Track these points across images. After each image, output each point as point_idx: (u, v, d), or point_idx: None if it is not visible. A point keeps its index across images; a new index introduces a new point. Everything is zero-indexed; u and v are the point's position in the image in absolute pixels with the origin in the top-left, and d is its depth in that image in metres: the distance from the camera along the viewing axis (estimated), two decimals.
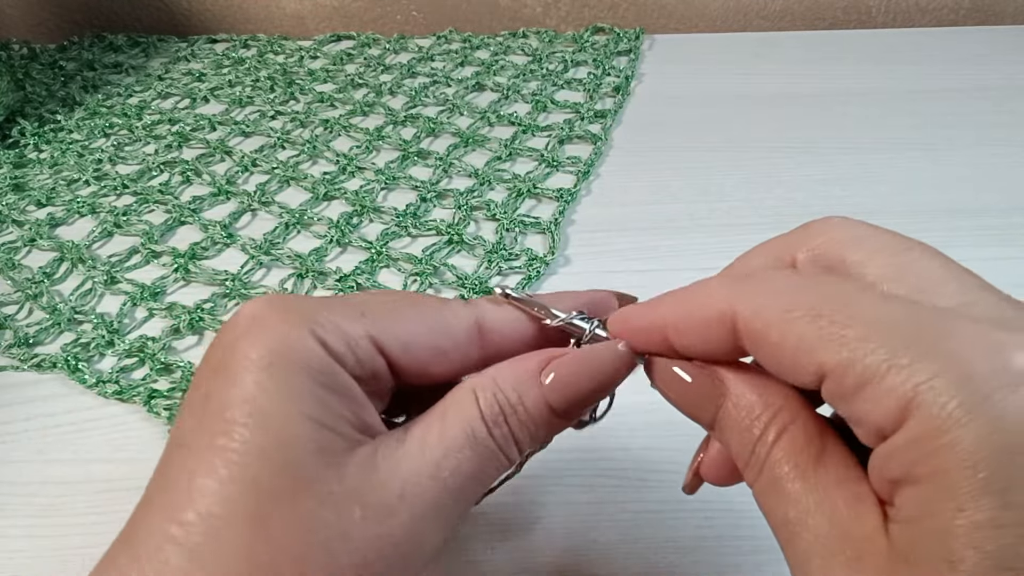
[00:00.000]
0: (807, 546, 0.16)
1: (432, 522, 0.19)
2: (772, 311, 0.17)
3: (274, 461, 0.17)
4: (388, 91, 0.60)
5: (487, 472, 0.20)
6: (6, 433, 0.35)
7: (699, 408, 0.19)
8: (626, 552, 0.29)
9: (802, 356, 0.16)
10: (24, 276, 0.43)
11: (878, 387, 0.15)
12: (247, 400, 0.17)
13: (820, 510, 0.16)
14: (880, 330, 0.15)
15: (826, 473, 0.17)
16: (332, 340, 0.19)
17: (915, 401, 0.14)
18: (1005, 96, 0.57)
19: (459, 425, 0.20)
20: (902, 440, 0.14)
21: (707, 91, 0.59)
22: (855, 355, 0.15)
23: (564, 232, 0.45)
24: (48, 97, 0.62)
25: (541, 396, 0.20)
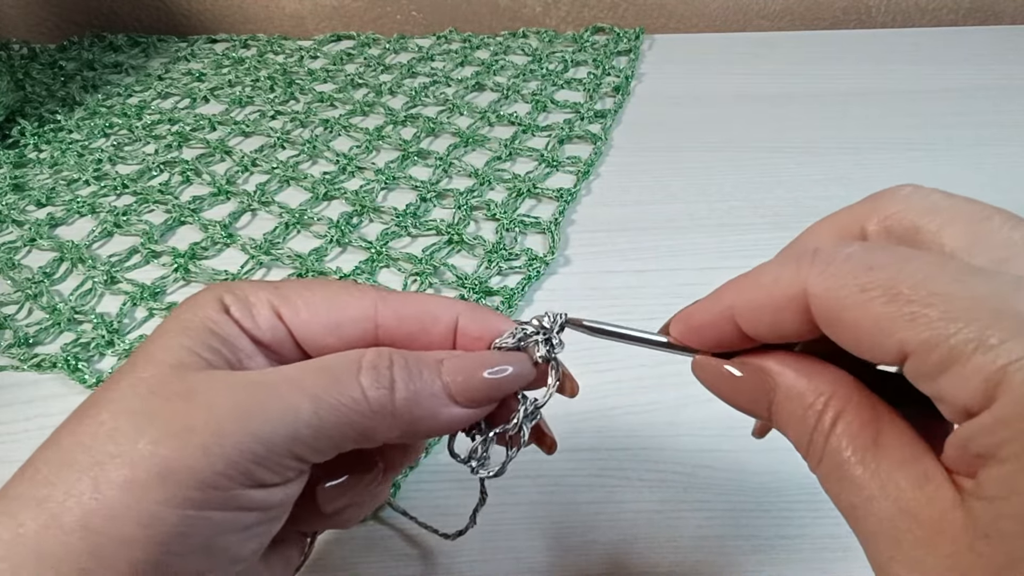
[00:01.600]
0: (876, 529, 0.16)
1: (248, 445, 0.18)
2: (846, 290, 0.16)
3: (140, 371, 0.20)
4: (388, 91, 0.60)
5: (336, 414, 0.19)
6: (6, 433, 0.35)
7: (752, 403, 0.19)
8: (626, 552, 0.29)
9: (881, 337, 0.16)
10: (24, 276, 0.43)
11: (964, 367, 0.14)
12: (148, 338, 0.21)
13: (884, 493, 0.16)
14: (964, 308, 0.15)
15: (887, 455, 0.16)
16: (233, 304, 0.22)
17: (1004, 381, 0.14)
18: (1005, 96, 0.57)
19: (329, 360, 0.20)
20: (990, 419, 0.14)
21: (707, 91, 0.59)
22: (939, 335, 0.15)
23: (564, 232, 0.45)
24: (48, 97, 0.62)
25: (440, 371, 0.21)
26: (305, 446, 0.19)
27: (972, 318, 0.14)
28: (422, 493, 0.31)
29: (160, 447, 0.18)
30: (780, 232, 0.45)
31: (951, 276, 0.15)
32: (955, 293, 0.15)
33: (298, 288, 0.23)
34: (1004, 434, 0.14)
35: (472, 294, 0.40)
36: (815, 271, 0.17)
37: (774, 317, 0.18)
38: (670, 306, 0.21)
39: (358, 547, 0.30)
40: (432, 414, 0.21)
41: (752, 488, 0.31)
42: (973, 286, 0.15)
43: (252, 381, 0.19)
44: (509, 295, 0.40)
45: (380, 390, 0.20)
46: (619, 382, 0.35)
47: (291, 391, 0.19)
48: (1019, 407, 0.14)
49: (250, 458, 0.18)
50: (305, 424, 0.19)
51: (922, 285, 0.15)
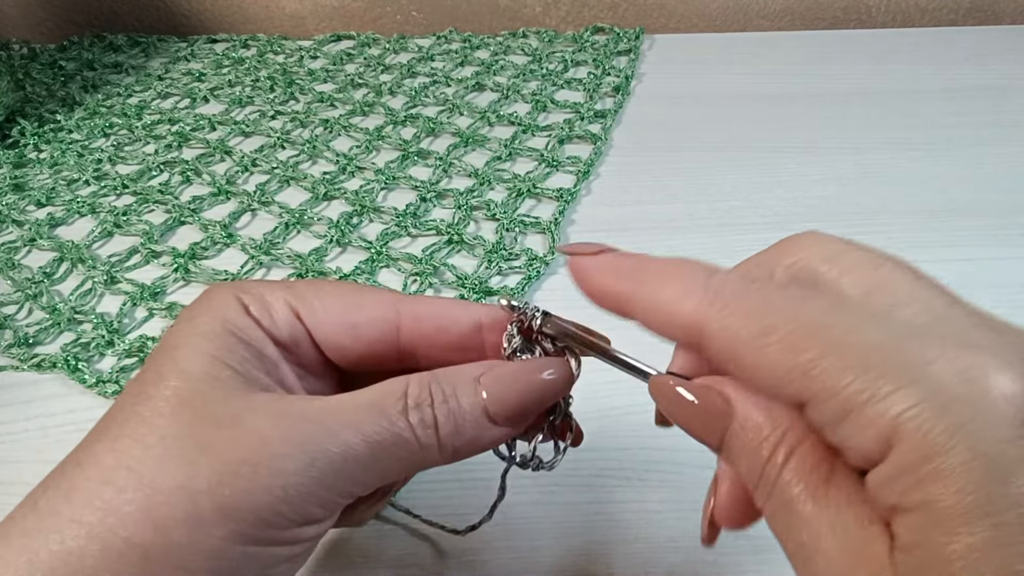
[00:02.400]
0: (822, 569, 0.16)
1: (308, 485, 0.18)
2: (745, 333, 0.16)
3: (172, 383, 0.19)
4: (388, 91, 0.60)
5: (388, 453, 0.20)
6: (6, 433, 0.35)
7: (706, 430, 0.19)
8: (626, 552, 0.29)
9: (779, 384, 0.16)
10: (24, 276, 0.43)
11: (860, 417, 0.15)
12: (168, 342, 0.20)
13: (832, 532, 0.16)
14: (857, 357, 0.15)
15: (837, 494, 0.16)
16: (252, 303, 0.21)
17: (898, 431, 0.14)
18: (1005, 96, 0.57)
19: (376, 396, 0.20)
20: (889, 469, 0.14)
21: (707, 91, 0.59)
22: (834, 385, 0.15)
23: (564, 232, 0.45)
24: (48, 97, 0.62)
25: (478, 396, 0.21)
26: (358, 483, 0.20)
27: (865, 367, 0.15)
28: (423, 491, 0.31)
29: (222, 485, 0.17)
30: (780, 232, 0.44)
31: (847, 324, 0.16)
32: (848, 341, 0.15)
33: (313, 288, 0.23)
34: (904, 484, 0.14)
35: (472, 294, 0.40)
36: (715, 308, 0.17)
37: (668, 328, 0.19)
38: None
39: (357, 547, 0.30)
40: (475, 440, 0.21)
41: None
42: (866, 333, 0.15)
43: (303, 414, 0.19)
44: (510, 295, 0.40)
45: (427, 429, 0.20)
46: (619, 382, 0.35)
47: (344, 429, 0.19)
48: (915, 456, 0.14)
49: (309, 499, 0.18)
50: (361, 465, 0.19)
51: (818, 334, 0.16)
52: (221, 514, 0.17)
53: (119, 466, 0.18)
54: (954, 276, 0.40)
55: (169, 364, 0.20)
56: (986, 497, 0.13)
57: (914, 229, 0.44)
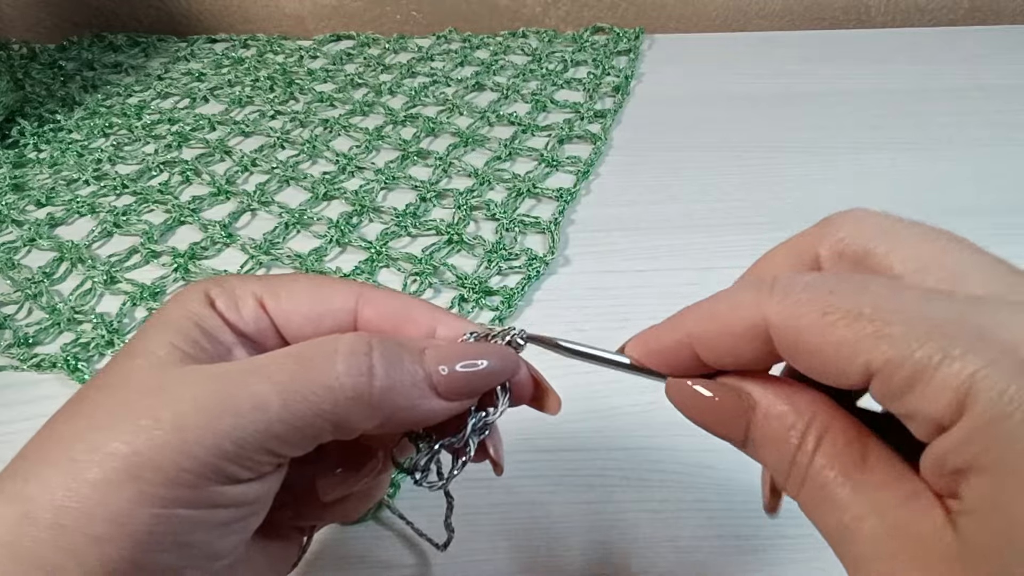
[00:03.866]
0: (866, 551, 0.16)
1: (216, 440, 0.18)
2: (807, 317, 0.16)
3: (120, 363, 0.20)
4: (388, 91, 0.60)
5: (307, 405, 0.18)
6: (6, 433, 0.34)
7: (728, 426, 0.19)
8: (626, 552, 0.29)
9: (845, 359, 0.16)
10: (24, 276, 0.43)
11: (932, 381, 0.14)
12: (136, 334, 0.21)
13: (874, 512, 0.16)
14: (925, 324, 0.15)
15: (873, 474, 0.16)
16: (220, 296, 0.22)
17: (973, 390, 0.14)
18: (1005, 96, 0.57)
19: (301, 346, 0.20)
20: (964, 430, 0.14)
21: (707, 91, 0.59)
22: (904, 352, 0.15)
23: (564, 232, 0.45)
24: (48, 97, 0.62)
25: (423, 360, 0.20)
26: (277, 440, 0.19)
27: (934, 334, 0.15)
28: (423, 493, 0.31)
29: (130, 445, 0.17)
30: (780, 232, 0.44)
31: (909, 298, 0.16)
32: (915, 313, 0.15)
33: (284, 280, 0.23)
34: (980, 443, 0.14)
35: (472, 294, 0.40)
36: (774, 300, 0.17)
37: (733, 346, 0.18)
38: (670, 306, 0.21)
39: (356, 547, 0.30)
40: (412, 404, 0.20)
41: (752, 488, 0.31)
42: (931, 304, 0.15)
43: (220, 373, 0.19)
44: (509, 295, 0.40)
45: (358, 377, 0.19)
46: (619, 382, 0.35)
47: (259, 382, 0.18)
48: (991, 414, 0.14)
49: (218, 455, 0.18)
50: (275, 418, 0.18)
51: (882, 307, 0.16)
52: (127, 475, 0.17)
53: (54, 441, 0.18)
54: None
55: (125, 350, 0.20)
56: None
57: None
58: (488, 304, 0.40)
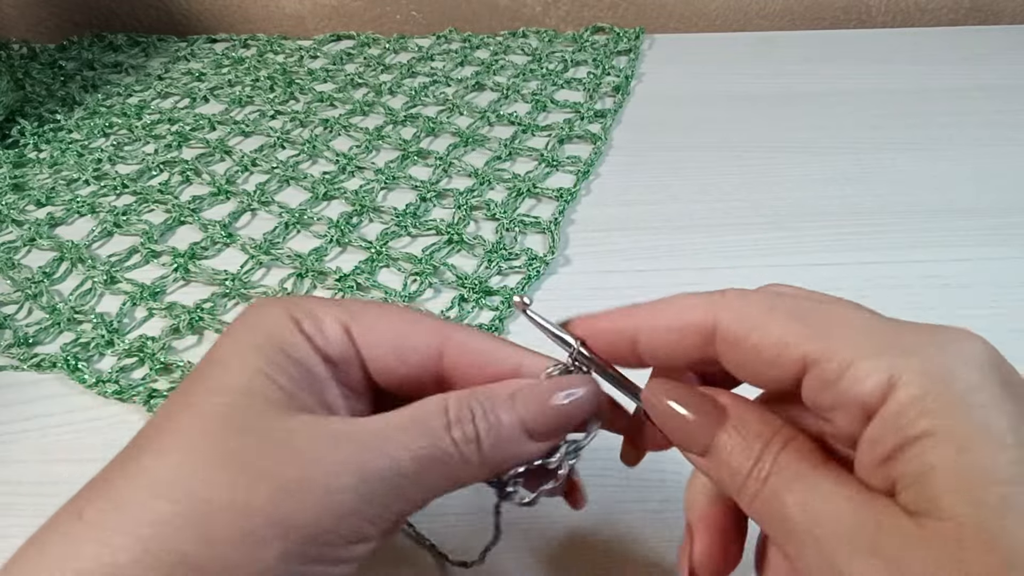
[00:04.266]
0: (828, 538, 0.16)
1: (359, 503, 0.19)
2: (754, 313, 0.19)
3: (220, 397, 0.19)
4: (388, 91, 0.60)
5: (433, 468, 0.20)
6: (6, 433, 0.34)
7: (697, 435, 0.20)
8: (626, 552, 0.29)
9: (785, 349, 0.18)
10: (24, 276, 0.43)
11: (862, 368, 0.16)
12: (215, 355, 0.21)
13: (836, 499, 0.17)
14: (861, 329, 0.17)
15: (835, 470, 0.18)
16: (305, 320, 0.22)
17: (900, 374, 0.16)
18: (1005, 96, 0.57)
19: (418, 414, 0.21)
20: (895, 407, 0.16)
21: (707, 91, 0.59)
22: (841, 344, 0.17)
23: (564, 232, 0.45)
24: (48, 97, 0.62)
25: (514, 410, 0.21)
26: (407, 501, 0.20)
27: (864, 333, 0.17)
28: None
29: (276, 503, 0.18)
30: (780, 232, 0.45)
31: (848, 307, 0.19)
32: (853, 318, 0.18)
33: (367, 308, 0.23)
34: (909, 417, 0.16)
35: (472, 294, 0.40)
36: (726, 300, 0.20)
37: (674, 341, 0.20)
38: None
39: None
40: (514, 455, 0.22)
41: None
42: (860, 313, 0.18)
43: (351, 434, 0.19)
44: (509, 295, 0.40)
45: (469, 444, 0.20)
46: None
47: (392, 447, 0.19)
48: (922, 389, 0.16)
49: (360, 516, 0.19)
50: (409, 481, 0.19)
51: (817, 309, 0.18)
52: (274, 532, 0.17)
53: (171, 480, 0.18)
54: (954, 276, 0.41)
55: (217, 378, 0.20)
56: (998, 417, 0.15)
57: (914, 229, 0.44)
58: (488, 304, 0.40)
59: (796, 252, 0.43)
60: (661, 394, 0.21)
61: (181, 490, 0.17)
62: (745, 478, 0.18)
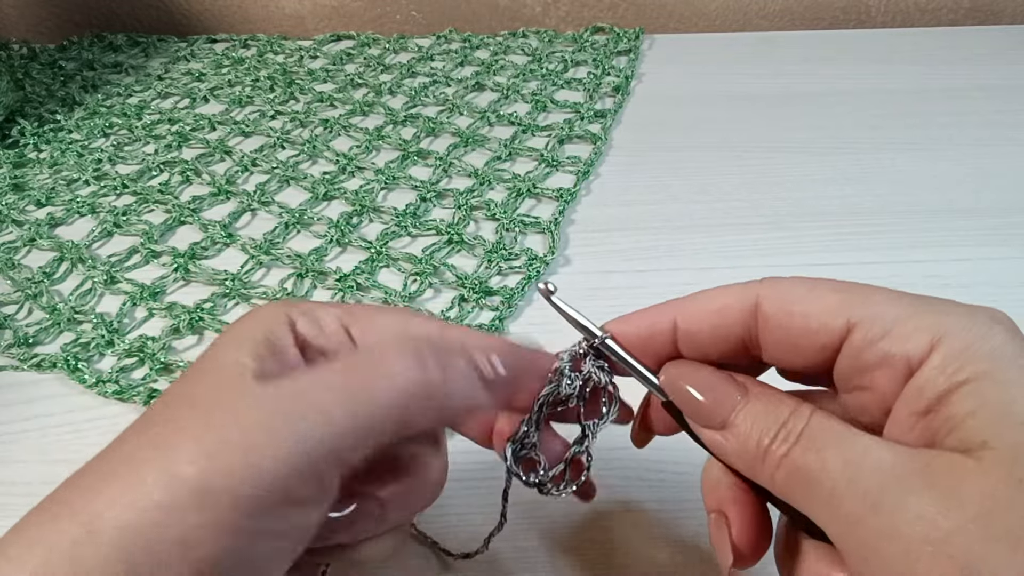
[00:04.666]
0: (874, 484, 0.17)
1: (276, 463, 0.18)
2: (797, 290, 0.20)
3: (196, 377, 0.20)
4: (388, 91, 0.60)
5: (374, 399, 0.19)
6: (6, 433, 0.35)
7: (717, 409, 0.20)
8: (626, 552, 0.29)
9: (830, 317, 0.19)
10: (24, 276, 0.43)
11: (908, 325, 0.18)
12: (207, 349, 0.21)
13: (879, 450, 0.17)
14: (895, 297, 0.19)
15: (867, 433, 0.18)
16: (300, 318, 0.22)
17: (944, 330, 0.18)
18: (1005, 96, 0.57)
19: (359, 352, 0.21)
20: (940, 359, 0.18)
21: (707, 91, 0.59)
22: (885, 309, 0.19)
23: (564, 232, 0.45)
24: (48, 97, 0.62)
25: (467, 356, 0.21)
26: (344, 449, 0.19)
27: (908, 301, 0.19)
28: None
29: (196, 466, 0.17)
30: (780, 232, 0.45)
31: (877, 287, 0.20)
32: (889, 291, 0.20)
33: (364, 309, 0.24)
34: (956, 365, 0.17)
35: (472, 294, 0.40)
36: (765, 283, 0.21)
37: (716, 320, 0.21)
38: None
39: None
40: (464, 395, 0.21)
41: None
42: (900, 291, 0.20)
43: (282, 389, 0.19)
44: (509, 295, 0.40)
45: (415, 371, 0.20)
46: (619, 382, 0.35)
47: (321, 393, 0.19)
48: (967, 339, 0.17)
49: (288, 473, 0.18)
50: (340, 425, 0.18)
51: (860, 286, 0.20)
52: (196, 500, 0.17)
53: (122, 457, 0.18)
54: (954, 276, 0.41)
55: (195, 365, 0.21)
56: None
57: (914, 229, 0.44)
58: (488, 304, 0.40)
59: (796, 252, 0.43)
60: (680, 374, 0.22)
61: (128, 466, 0.18)
62: (770, 443, 0.19)
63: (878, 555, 0.16)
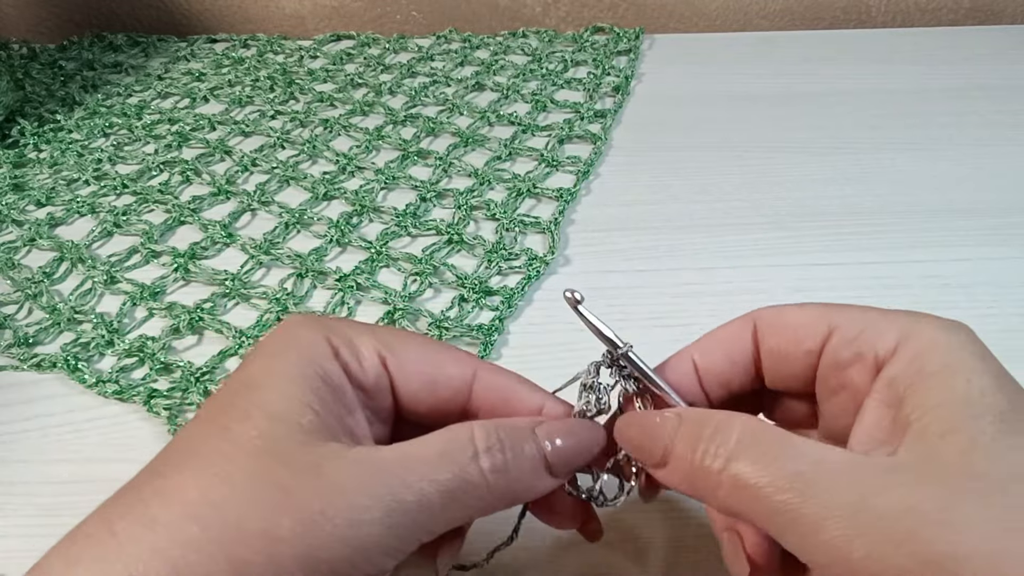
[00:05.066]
0: (831, 485, 0.17)
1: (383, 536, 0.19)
2: (787, 309, 0.23)
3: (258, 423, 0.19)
4: (388, 91, 0.60)
5: (457, 499, 0.20)
6: (6, 433, 0.34)
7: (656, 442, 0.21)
8: (626, 552, 0.29)
9: (815, 324, 0.22)
10: (24, 276, 0.43)
11: (877, 328, 0.21)
12: (253, 376, 0.21)
13: (827, 450, 0.18)
14: (870, 308, 0.22)
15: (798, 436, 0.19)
16: (342, 347, 0.22)
17: (910, 330, 0.20)
18: (1005, 96, 0.57)
19: (446, 445, 0.20)
20: (908, 354, 0.20)
21: (707, 91, 0.59)
22: (859, 314, 0.22)
23: (564, 232, 0.45)
24: (48, 97, 0.62)
25: (536, 443, 0.22)
26: (427, 531, 0.20)
27: (881, 310, 0.22)
28: None
29: (301, 535, 0.17)
30: (780, 232, 0.45)
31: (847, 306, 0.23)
32: (869, 306, 0.22)
33: (399, 338, 0.23)
34: (924, 359, 0.19)
35: (472, 294, 0.40)
36: (763, 308, 0.24)
37: (728, 347, 0.24)
38: (670, 306, 0.21)
39: None
40: (532, 487, 0.22)
41: None
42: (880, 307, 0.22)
43: (378, 464, 0.19)
44: (509, 295, 0.40)
45: (496, 474, 0.20)
46: None
47: (418, 478, 0.19)
48: (932, 338, 0.20)
49: (382, 549, 0.18)
50: (433, 513, 0.19)
51: (841, 304, 0.23)
52: (297, 564, 0.17)
53: (204, 503, 0.18)
54: (954, 276, 0.41)
55: (256, 402, 0.20)
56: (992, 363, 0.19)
57: (914, 229, 0.44)
58: (488, 304, 0.40)
59: (796, 252, 0.43)
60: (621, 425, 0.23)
61: (213, 515, 0.17)
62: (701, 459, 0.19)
63: (844, 559, 0.16)
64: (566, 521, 0.25)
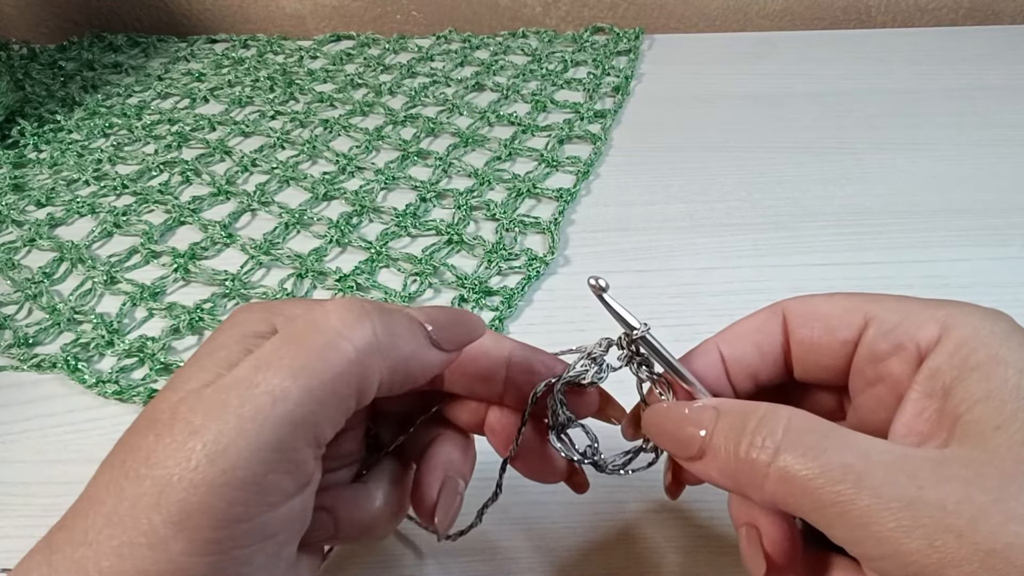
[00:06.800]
0: (885, 477, 0.17)
1: None
2: (816, 300, 0.23)
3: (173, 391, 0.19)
4: (388, 91, 0.60)
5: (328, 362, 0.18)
6: (6, 433, 0.35)
7: (692, 436, 0.21)
8: (626, 552, 0.29)
9: (848, 315, 0.22)
10: (24, 276, 0.43)
11: (917, 318, 0.20)
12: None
13: (878, 443, 0.18)
14: (906, 297, 0.22)
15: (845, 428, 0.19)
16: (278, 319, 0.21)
17: (952, 319, 0.20)
18: (1005, 96, 0.57)
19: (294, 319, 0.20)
20: (951, 345, 0.19)
21: (707, 91, 0.59)
22: (895, 304, 0.21)
23: (564, 232, 0.45)
24: (48, 97, 0.62)
25: (407, 313, 0.21)
26: (309, 425, 0.18)
27: (918, 299, 0.21)
28: None
29: (170, 492, 0.16)
30: (780, 232, 0.45)
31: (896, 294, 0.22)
32: (902, 295, 0.22)
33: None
34: (968, 350, 0.19)
35: (472, 294, 0.40)
36: (788, 300, 0.24)
37: (758, 339, 0.23)
38: (670, 306, 0.21)
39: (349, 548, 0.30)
40: (414, 352, 0.21)
41: None
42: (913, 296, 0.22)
43: (231, 383, 0.18)
44: (509, 295, 0.40)
45: (361, 332, 0.19)
46: (620, 382, 0.35)
47: (269, 375, 0.18)
48: (974, 328, 0.19)
49: (260, 468, 0.17)
50: (298, 403, 0.18)
51: (871, 293, 0.22)
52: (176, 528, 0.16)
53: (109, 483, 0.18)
54: (954, 276, 0.41)
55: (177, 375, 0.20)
56: None
57: (914, 229, 0.44)
58: (488, 304, 0.40)
59: (796, 252, 0.43)
60: (650, 417, 0.23)
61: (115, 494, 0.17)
62: (748, 451, 0.19)
63: (900, 551, 0.16)
64: (550, 473, 0.25)
